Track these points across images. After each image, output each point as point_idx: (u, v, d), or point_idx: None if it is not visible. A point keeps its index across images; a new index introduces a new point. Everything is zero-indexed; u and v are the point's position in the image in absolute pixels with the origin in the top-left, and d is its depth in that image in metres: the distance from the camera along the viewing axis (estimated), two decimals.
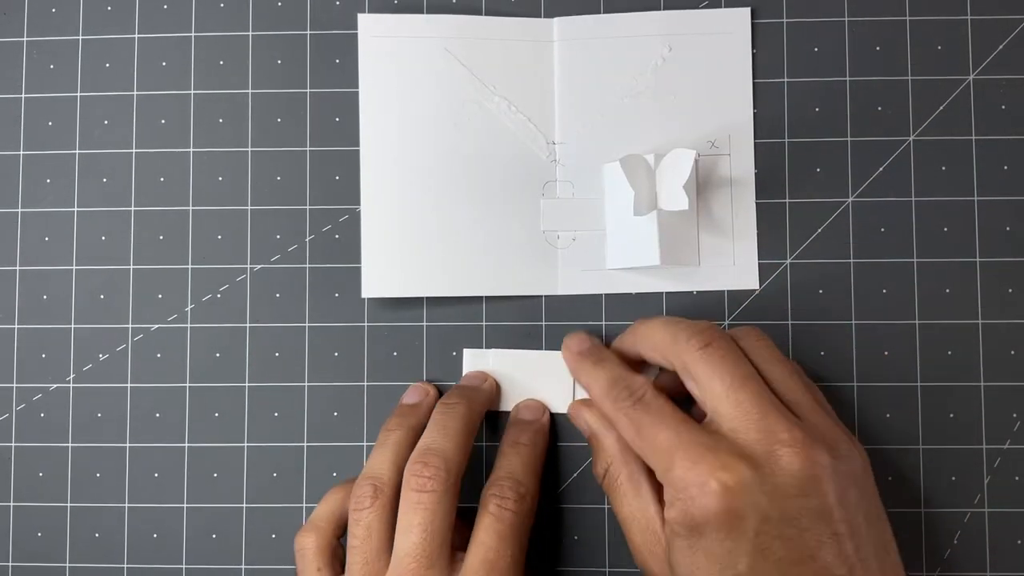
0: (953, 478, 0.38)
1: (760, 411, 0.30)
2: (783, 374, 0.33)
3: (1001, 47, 0.39)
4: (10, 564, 0.39)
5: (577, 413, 0.36)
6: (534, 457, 0.36)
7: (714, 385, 0.31)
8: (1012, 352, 0.38)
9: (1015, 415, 0.38)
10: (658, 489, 0.33)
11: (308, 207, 0.39)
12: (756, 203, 0.39)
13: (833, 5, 0.39)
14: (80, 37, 0.40)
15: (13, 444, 0.39)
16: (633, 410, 0.32)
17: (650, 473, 0.33)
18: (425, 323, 0.39)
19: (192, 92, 0.40)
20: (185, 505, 0.38)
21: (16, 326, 0.39)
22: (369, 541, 0.32)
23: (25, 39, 0.40)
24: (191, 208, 0.40)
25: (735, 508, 0.29)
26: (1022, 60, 0.39)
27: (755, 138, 0.39)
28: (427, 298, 0.39)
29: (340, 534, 0.35)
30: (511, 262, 0.39)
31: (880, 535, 0.30)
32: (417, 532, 0.32)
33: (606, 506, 0.38)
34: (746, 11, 0.39)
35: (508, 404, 0.38)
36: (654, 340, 0.34)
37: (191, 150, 0.40)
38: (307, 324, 0.39)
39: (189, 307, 0.39)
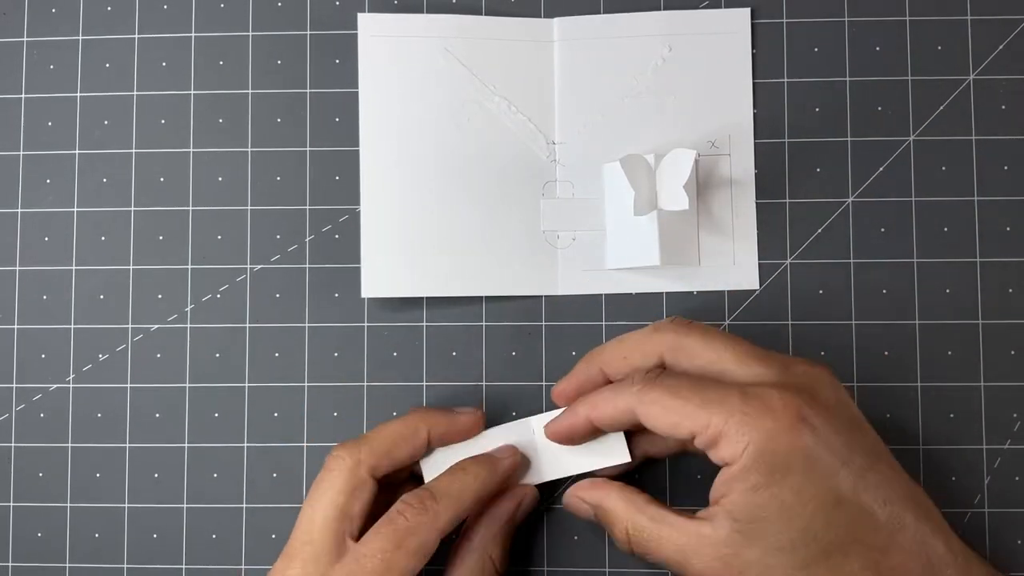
0: (953, 478, 0.38)
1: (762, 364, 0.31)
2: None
3: (1001, 47, 0.39)
4: (10, 564, 0.39)
5: (573, 498, 0.34)
6: (467, 485, 0.33)
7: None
8: (1012, 352, 0.38)
9: (1015, 415, 0.38)
10: (679, 512, 0.31)
11: (308, 207, 0.39)
12: (756, 203, 0.39)
13: (833, 5, 0.39)
14: (80, 37, 0.40)
15: (13, 444, 0.39)
16: (661, 380, 0.31)
17: (662, 504, 0.32)
18: (425, 323, 0.39)
19: (192, 92, 0.40)
20: (185, 505, 0.38)
21: (16, 326, 0.39)
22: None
23: (25, 39, 0.40)
24: (191, 208, 0.40)
25: (815, 429, 0.28)
26: (1022, 60, 0.39)
27: (755, 138, 0.39)
28: (427, 298, 0.39)
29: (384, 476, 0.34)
30: (511, 262, 0.39)
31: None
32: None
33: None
34: (746, 11, 0.39)
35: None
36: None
37: (191, 150, 0.40)
38: (307, 324, 0.39)
39: (189, 307, 0.39)
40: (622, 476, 0.36)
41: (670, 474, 0.38)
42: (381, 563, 0.30)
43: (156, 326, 0.39)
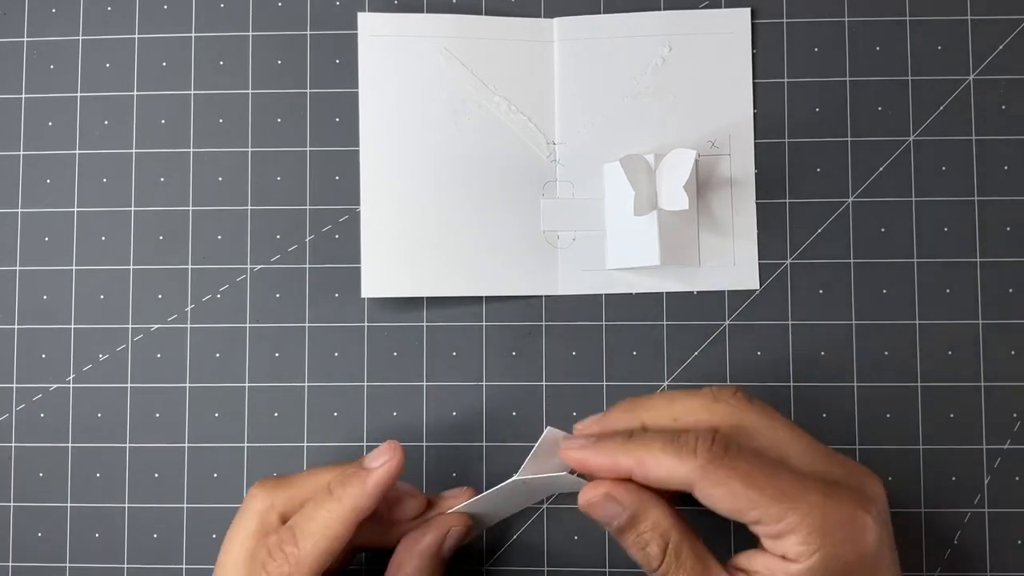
0: (953, 478, 0.38)
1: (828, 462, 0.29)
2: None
3: (1001, 47, 0.39)
4: (10, 564, 0.39)
5: (600, 495, 0.30)
6: (333, 513, 0.30)
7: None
8: (1012, 352, 0.38)
9: (1015, 415, 0.38)
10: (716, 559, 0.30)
11: (308, 207, 0.39)
12: (756, 203, 0.39)
13: (833, 5, 0.39)
14: (80, 37, 0.40)
15: (13, 444, 0.39)
16: (729, 459, 0.28)
17: (705, 549, 0.30)
18: (425, 323, 0.39)
19: (192, 92, 0.40)
20: (185, 505, 0.38)
21: (16, 326, 0.39)
22: None
23: (25, 39, 0.40)
24: (191, 208, 0.40)
25: (882, 543, 0.28)
26: (1022, 60, 0.39)
27: (755, 138, 0.39)
28: (427, 298, 0.39)
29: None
30: (511, 262, 0.39)
31: None
32: None
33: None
34: (746, 11, 0.39)
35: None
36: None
37: (191, 150, 0.40)
38: (307, 324, 0.39)
39: (189, 307, 0.39)
40: None
41: None
42: None
43: (156, 326, 0.39)
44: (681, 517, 0.30)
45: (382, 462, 0.31)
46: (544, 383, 0.39)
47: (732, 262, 0.39)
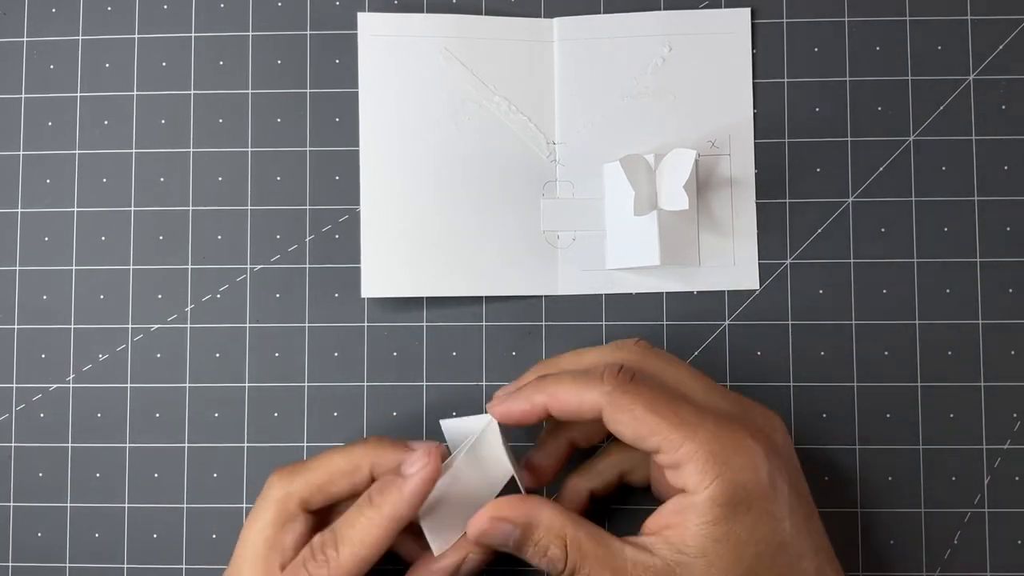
0: (953, 478, 0.38)
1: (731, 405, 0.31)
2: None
3: (1001, 47, 0.39)
4: (10, 564, 0.39)
5: (486, 520, 0.30)
6: (372, 522, 0.30)
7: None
8: (1012, 352, 0.38)
9: (1015, 415, 0.38)
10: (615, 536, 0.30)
11: (308, 207, 0.39)
12: (756, 203, 0.39)
13: (833, 5, 0.39)
14: (80, 37, 0.40)
15: (13, 444, 0.39)
16: (635, 385, 0.30)
17: (596, 525, 0.30)
18: (425, 323, 0.39)
19: (192, 92, 0.40)
20: (185, 505, 0.38)
21: (16, 326, 0.39)
22: None
23: (25, 39, 0.40)
24: (191, 208, 0.40)
25: (776, 473, 0.29)
26: (1022, 60, 0.39)
27: (755, 138, 0.39)
28: (427, 298, 0.39)
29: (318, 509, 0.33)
30: (511, 262, 0.39)
31: None
32: None
33: (606, 506, 0.38)
34: (746, 11, 0.39)
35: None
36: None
37: (191, 150, 0.40)
38: (307, 324, 0.39)
39: (189, 307, 0.39)
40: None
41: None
42: None
43: (156, 326, 0.39)
44: (569, 512, 0.30)
45: (418, 468, 0.31)
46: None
47: (732, 262, 0.39)
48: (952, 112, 0.39)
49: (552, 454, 0.34)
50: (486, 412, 0.32)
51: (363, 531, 0.30)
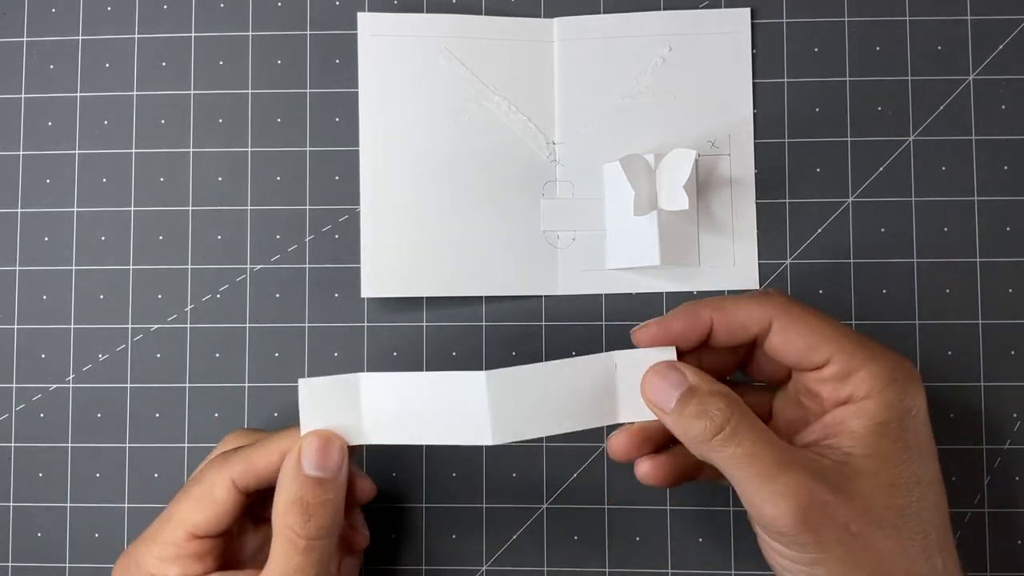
0: (953, 478, 0.38)
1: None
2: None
3: (1001, 47, 0.39)
4: (10, 564, 0.39)
5: (663, 364, 0.30)
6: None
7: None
8: (1012, 352, 0.38)
9: (1015, 415, 0.38)
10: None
11: (308, 207, 0.39)
12: (756, 203, 0.39)
13: (833, 5, 0.39)
14: (80, 37, 0.40)
15: (13, 444, 0.39)
16: (800, 303, 0.30)
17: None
18: (425, 323, 0.39)
19: (192, 92, 0.40)
20: None
21: (16, 326, 0.39)
22: None
23: (25, 39, 0.40)
24: (191, 208, 0.40)
25: (927, 417, 0.29)
26: (1022, 60, 0.39)
27: (755, 138, 0.39)
28: (427, 298, 0.39)
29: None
30: (511, 262, 0.39)
31: None
32: None
33: (606, 506, 0.38)
34: (746, 11, 0.39)
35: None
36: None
37: (191, 150, 0.40)
38: (307, 324, 0.39)
39: (189, 307, 0.39)
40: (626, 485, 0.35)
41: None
42: None
43: (156, 326, 0.39)
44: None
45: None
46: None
47: (732, 262, 0.39)
48: (952, 112, 0.39)
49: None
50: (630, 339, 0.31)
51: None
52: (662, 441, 0.32)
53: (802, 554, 0.27)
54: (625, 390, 0.31)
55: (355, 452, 0.31)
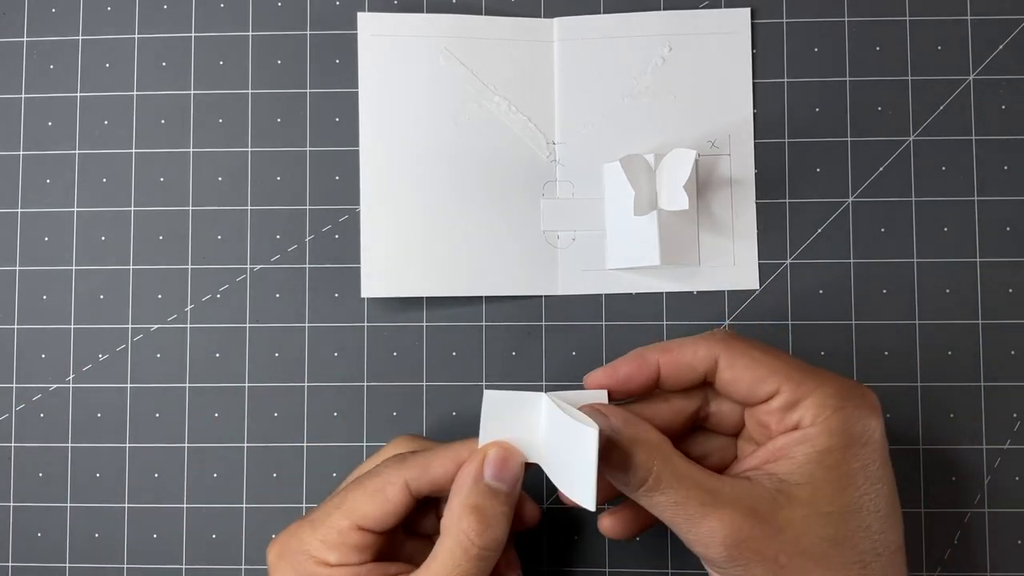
0: (953, 478, 0.38)
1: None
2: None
3: (1001, 47, 0.39)
4: (10, 564, 0.39)
5: (589, 408, 0.30)
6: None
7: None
8: (1012, 352, 0.38)
9: (1015, 415, 0.38)
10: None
11: (308, 207, 0.39)
12: (756, 203, 0.39)
13: (833, 5, 0.39)
14: (80, 37, 0.40)
15: (13, 444, 0.39)
16: (744, 338, 0.30)
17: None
18: (425, 323, 0.39)
19: (192, 92, 0.40)
20: (185, 505, 0.38)
21: (16, 326, 0.39)
22: None
23: (25, 39, 0.40)
24: (191, 208, 0.40)
25: (884, 440, 0.29)
26: (1022, 60, 0.39)
27: (755, 138, 0.39)
28: (427, 298, 0.39)
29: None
30: (511, 262, 0.39)
31: None
32: None
33: (606, 506, 0.38)
34: (746, 11, 0.39)
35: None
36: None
37: (191, 150, 0.40)
38: (307, 324, 0.39)
39: (189, 307, 0.39)
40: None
41: None
42: None
43: (156, 326, 0.39)
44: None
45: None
46: (544, 383, 0.39)
47: (732, 262, 0.39)
48: (952, 112, 0.39)
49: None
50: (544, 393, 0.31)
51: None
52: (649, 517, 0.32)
53: None
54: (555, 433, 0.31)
55: (528, 469, 0.31)
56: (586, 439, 0.27)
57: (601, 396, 0.31)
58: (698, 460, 0.31)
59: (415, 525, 0.33)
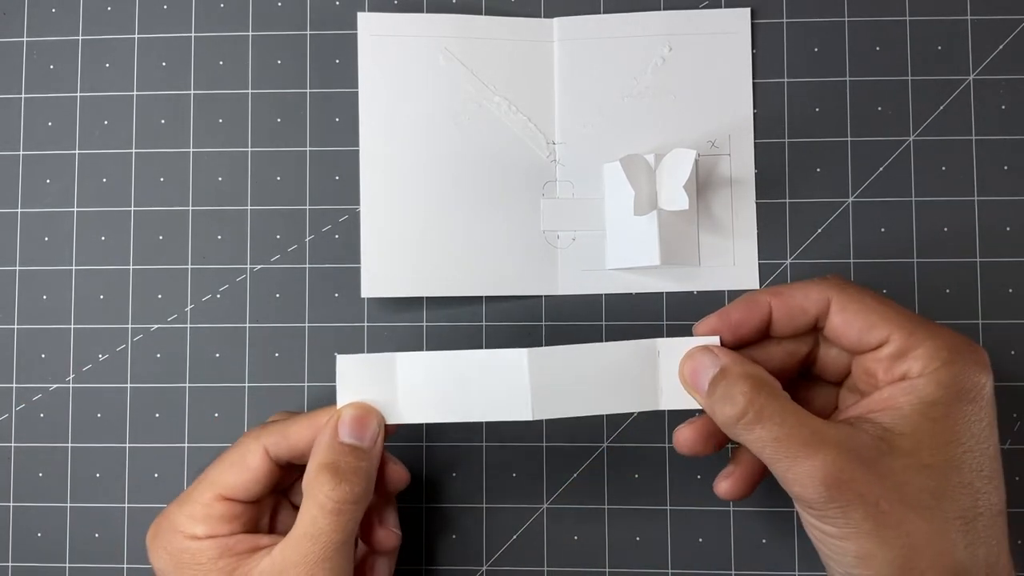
0: None
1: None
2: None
3: (1001, 47, 0.39)
4: (10, 564, 0.39)
5: (698, 349, 0.31)
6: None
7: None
8: (1012, 352, 0.38)
9: (1015, 415, 0.38)
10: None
11: (308, 207, 0.39)
12: (756, 203, 0.39)
13: (833, 5, 0.39)
14: (80, 37, 0.40)
15: (13, 444, 0.39)
16: (857, 285, 0.30)
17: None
18: (425, 323, 0.39)
19: (192, 92, 0.40)
20: None
21: (16, 326, 0.39)
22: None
23: (25, 39, 0.40)
24: (191, 208, 0.40)
25: (993, 399, 0.29)
26: (1022, 60, 0.39)
27: (755, 138, 0.39)
28: (427, 298, 0.39)
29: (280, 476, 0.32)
30: (511, 262, 0.39)
31: None
32: None
33: (606, 506, 0.38)
34: (746, 11, 0.39)
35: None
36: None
37: (191, 150, 0.40)
38: (307, 324, 0.39)
39: (189, 307, 0.39)
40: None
41: (670, 471, 0.38)
42: None
43: (156, 326, 0.39)
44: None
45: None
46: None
47: (732, 262, 0.39)
48: (952, 112, 0.39)
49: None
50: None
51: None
52: (724, 437, 0.32)
53: (832, 527, 0.27)
54: (667, 377, 0.31)
55: (390, 432, 0.32)
56: (519, 359, 0.30)
57: (713, 341, 0.31)
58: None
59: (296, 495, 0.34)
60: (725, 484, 0.33)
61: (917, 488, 0.27)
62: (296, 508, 0.34)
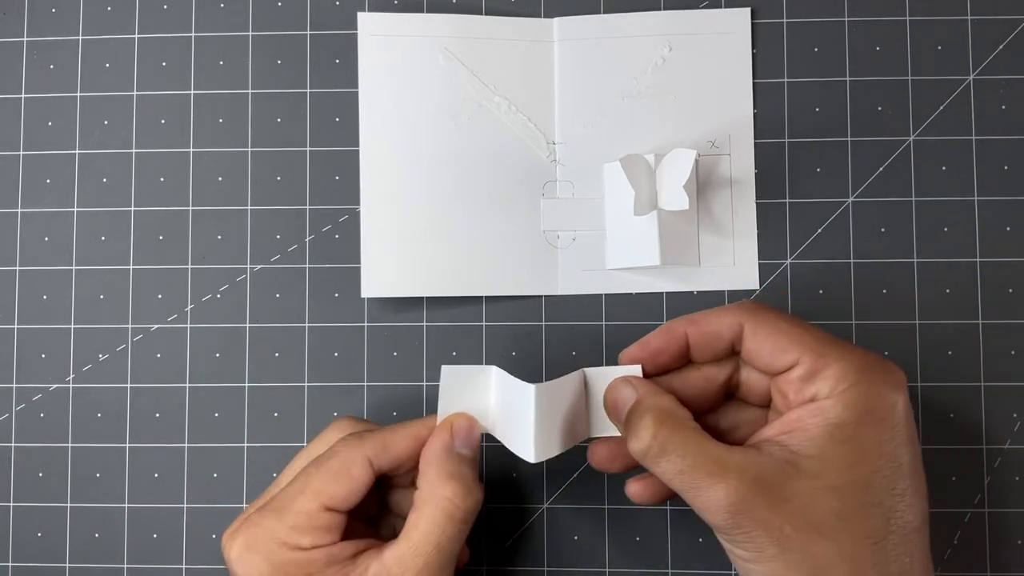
0: (953, 478, 0.38)
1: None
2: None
3: (1001, 47, 0.39)
4: (10, 564, 0.39)
5: (619, 380, 0.32)
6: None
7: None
8: (1012, 352, 0.38)
9: (1015, 415, 0.38)
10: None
11: (308, 207, 0.39)
12: (756, 203, 0.39)
13: (833, 5, 0.39)
14: (80, 37, 0.40)
15: (13, 444, 0.39)
16: (769, 307, 0.31)
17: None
18: (425, 323, 0.39)
19: (192, 92, 0.40)
20: (185, 505, 0.38)
21: (16, 326, 0.39)
22: None
23: (25, 39, 0.40)
24: (191, 208, 0.40)
25: (908, 404, 0.28)
26: (1022, 60, 0.39)
27: (755, 138, 0.39)
28: (427, 298, 0.39)
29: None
30: (511, 262, 0.39)
31: None
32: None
33: (606, 506, 0.38)
34: (746, 11, 0.39)
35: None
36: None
37: (191, 150, 0.40)
38: (307, 324, 0.39)
39: (189, 307, 0.39)
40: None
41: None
42: None
43: (156, 326, 0.39)
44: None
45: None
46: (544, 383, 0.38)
47: (732, 262, 0.39)
48: (952, 112, 0.39)
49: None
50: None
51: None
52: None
53: (743, 551, 0.28)
54: (595, 406, 0.33)
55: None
56: (528, 396, 0.30)
57: (635, 371, 0.32)
58: (729, 431, 0.32)
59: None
60: (636, 487, 0.33)
61: (823, 510, 0.27)
62: (368, 512, 0.34)
